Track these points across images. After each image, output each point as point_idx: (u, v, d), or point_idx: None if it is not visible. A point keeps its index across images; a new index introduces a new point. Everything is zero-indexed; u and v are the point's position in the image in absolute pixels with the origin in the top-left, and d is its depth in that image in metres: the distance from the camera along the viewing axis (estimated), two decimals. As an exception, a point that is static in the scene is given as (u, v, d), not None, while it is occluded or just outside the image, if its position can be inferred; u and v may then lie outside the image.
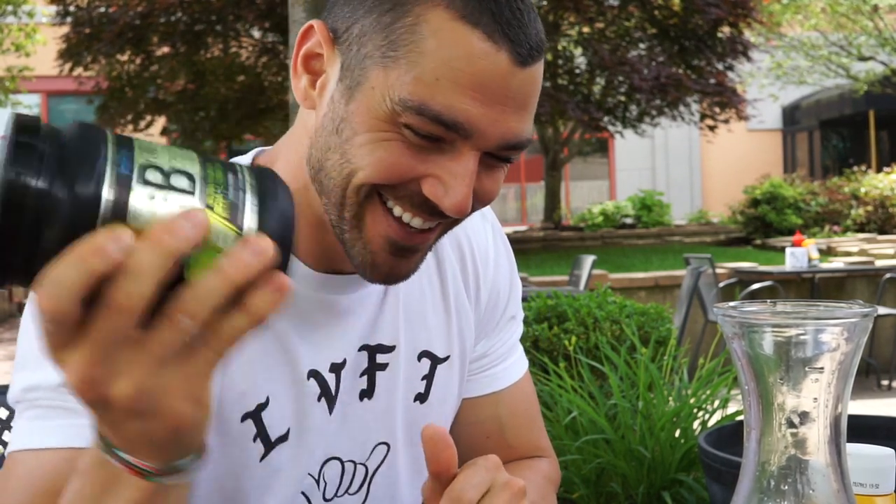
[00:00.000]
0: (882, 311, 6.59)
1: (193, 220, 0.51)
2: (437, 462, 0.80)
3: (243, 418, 0.96)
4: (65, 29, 13.23)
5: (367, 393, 1.04)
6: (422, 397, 1.08)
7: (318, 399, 1.00)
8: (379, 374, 1.04)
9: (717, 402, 3.16)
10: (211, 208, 0.53)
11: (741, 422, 1.30)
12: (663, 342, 3.93)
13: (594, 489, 3.10)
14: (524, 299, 4.18)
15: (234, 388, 0.95)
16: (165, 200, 0.52)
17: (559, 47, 13.59)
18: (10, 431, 1.63)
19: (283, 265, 0.54)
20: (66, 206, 0.49)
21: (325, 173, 0.90)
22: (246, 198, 0.54)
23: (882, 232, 12.94)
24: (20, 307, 11.81)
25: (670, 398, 3.19)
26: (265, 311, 0.54)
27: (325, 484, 1.02)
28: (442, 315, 1.09)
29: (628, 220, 16.78)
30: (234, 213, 0.53)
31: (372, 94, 0.85)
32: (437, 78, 0.83)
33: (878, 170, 16.34)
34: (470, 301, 1.12)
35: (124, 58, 13.35)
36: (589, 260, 7.04)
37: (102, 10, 12.67)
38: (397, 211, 0.89)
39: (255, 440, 0.97)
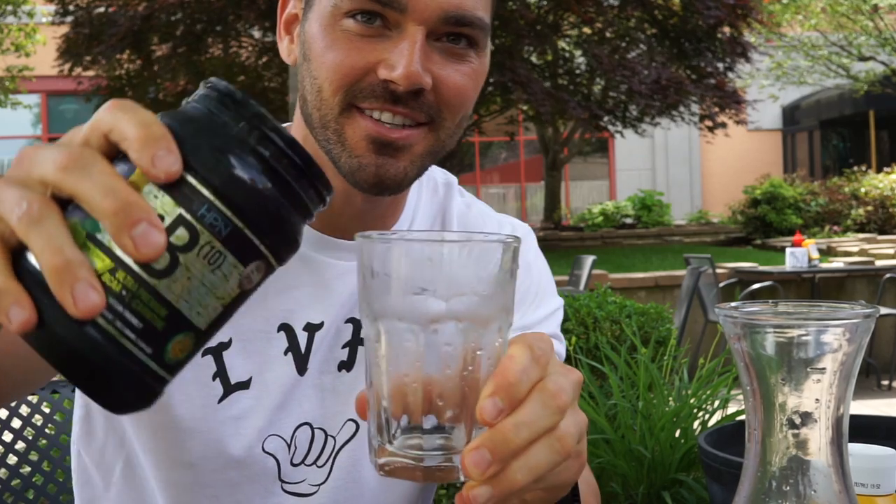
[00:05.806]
0: (882, 311, 6.59)
1: None
2: None
3: (204, 353, 0.96)
4: (64, 28, 13.22)
5: (346, 365, 1.03)
6: None
7: (285, 353, 1.00)
8: (360, 348, 1.03)
9: (717, 402, 3.16)
10: None
11: (741, 422, 1.30)
12: (663, 342, 3.93)
13: (594, 489, 3.10)
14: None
15: None
16: None
17: (559, 47, 13.59)
18: (10, 431, 1.63)
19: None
20: None
21: (307, 103, 0.96)
22: None
23: (882, 232, 12.95)
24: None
25: (670, 398, 3.19)
26: None
27: (296, 449, 1.02)
28: None
29: (628, 220, 16.79)
30: None
31: (319, 3, 0.92)
32: None
33: (878, 170, 16.35)
34: None
35: (124, 57, 13.33)
36: (589, 260, 7.04)
37: (102, 9, 12.66)
38: (368, 112, 0.93)
39: (213, 378, 0.97)
